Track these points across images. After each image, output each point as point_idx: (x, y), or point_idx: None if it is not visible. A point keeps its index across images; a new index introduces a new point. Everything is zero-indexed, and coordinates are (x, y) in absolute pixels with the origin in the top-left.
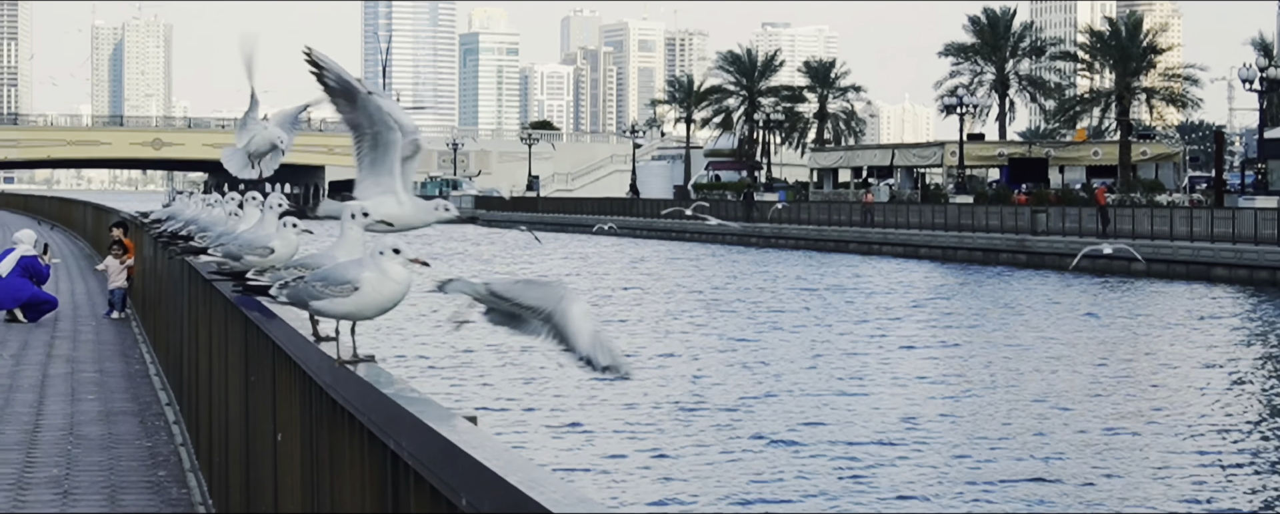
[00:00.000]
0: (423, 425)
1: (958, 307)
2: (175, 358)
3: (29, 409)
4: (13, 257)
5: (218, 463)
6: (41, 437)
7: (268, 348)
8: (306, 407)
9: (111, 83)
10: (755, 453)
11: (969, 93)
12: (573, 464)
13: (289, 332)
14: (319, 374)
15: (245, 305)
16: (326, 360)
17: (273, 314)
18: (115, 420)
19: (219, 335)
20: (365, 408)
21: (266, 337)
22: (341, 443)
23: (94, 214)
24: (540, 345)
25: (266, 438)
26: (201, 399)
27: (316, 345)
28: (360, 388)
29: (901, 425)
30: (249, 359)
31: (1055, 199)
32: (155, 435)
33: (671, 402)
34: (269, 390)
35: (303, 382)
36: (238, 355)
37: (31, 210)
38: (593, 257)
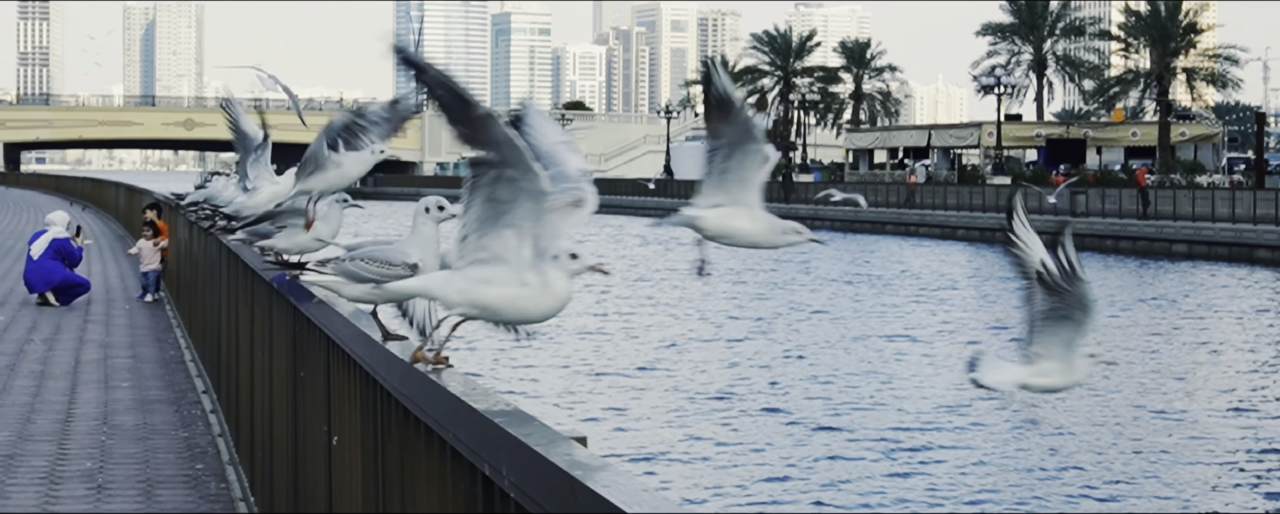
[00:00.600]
0: (530, 451)
1: (1001, 290)
2: (212, 344)
3: (61, 397)
4: (45, 239)
5: (260, 459)
6: (74, 427)
7: (320, 342)
8: (370, 412)
9: (143, 63)
10: (787, 439)
11: (1006, 73)
12: (609, 452)
13: (348, 326)
14: (387, 379)
15: (293, 293)
16: (397, 364)
17: (325, 304)
18: (150, 409)
19: (262, 324)
20: (450, 424)
21: (319, 330)
22: (417, 457)
23: (127, 195)
24: None
25: (318, 438)
26: (242, 390)
27: (383, 345)
28: (442, 399)
29: (940, 412)
30: (298, 353)
31: (1094, 180)
32: (191, 425)
33: (708, 388)
34: (322, 388)
35: (366, 384)
36: (284, 347)
37: (63, 191)
38: (627, 239)
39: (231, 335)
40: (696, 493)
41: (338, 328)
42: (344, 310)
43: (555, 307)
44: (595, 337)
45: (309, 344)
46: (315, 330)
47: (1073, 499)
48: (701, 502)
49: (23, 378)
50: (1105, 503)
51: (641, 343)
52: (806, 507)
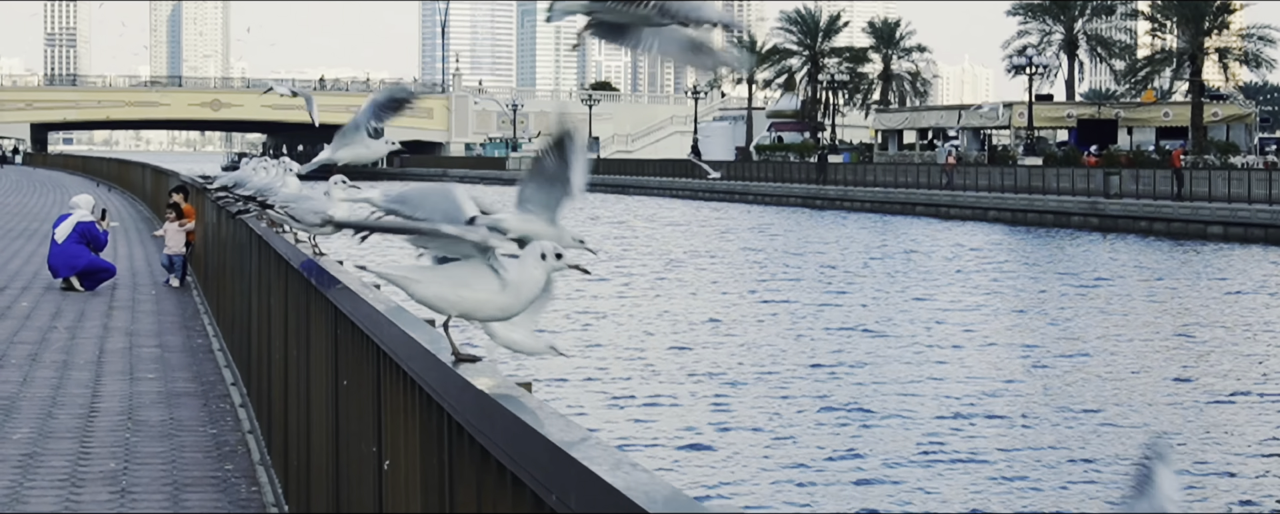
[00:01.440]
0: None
1: (1036, 272)
2: (241, 335)
3: (84, 389)
4: (69, 222)
5: (296, 466)
6: (97, 423)
7: (368, 351)
8: (434, 440)
9: (170, 44)
10: (816, 424)
11: (1037, 52)
12: (634, 438)
13: (403, 338)
14: (459, 409)
15: (324, 283)
16: (471, 393)
17: (367, 303)
18: (177, 403)
19: (297, 319)
20: (554, 485)
21: (367, 336)
22: (488, 494)
23: (153, 177)
24: None
25: (364, 457)
26: (274, 387)
27: (454, 367)
28: (537, 447)
29: (975, 397)
30: (339, 357)
31: (1127, 161)
32: (220, 421)
33: (735, 372)
34: (369, 404)
35: (428, 407)
36: (323, 349)
37: (90, 172)
38: (658, 218)
39: (262, 327)
40: (721, 485)
41: (392, 339)
42: (394, 316)
43: (517, 306)
44: (626, 322)
45: (353, 350)
46: (362, 336)
47: (1098, 485)
48: (728, 496)
49: (45, 368)
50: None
51: (667, 328)
52: (836, 501)
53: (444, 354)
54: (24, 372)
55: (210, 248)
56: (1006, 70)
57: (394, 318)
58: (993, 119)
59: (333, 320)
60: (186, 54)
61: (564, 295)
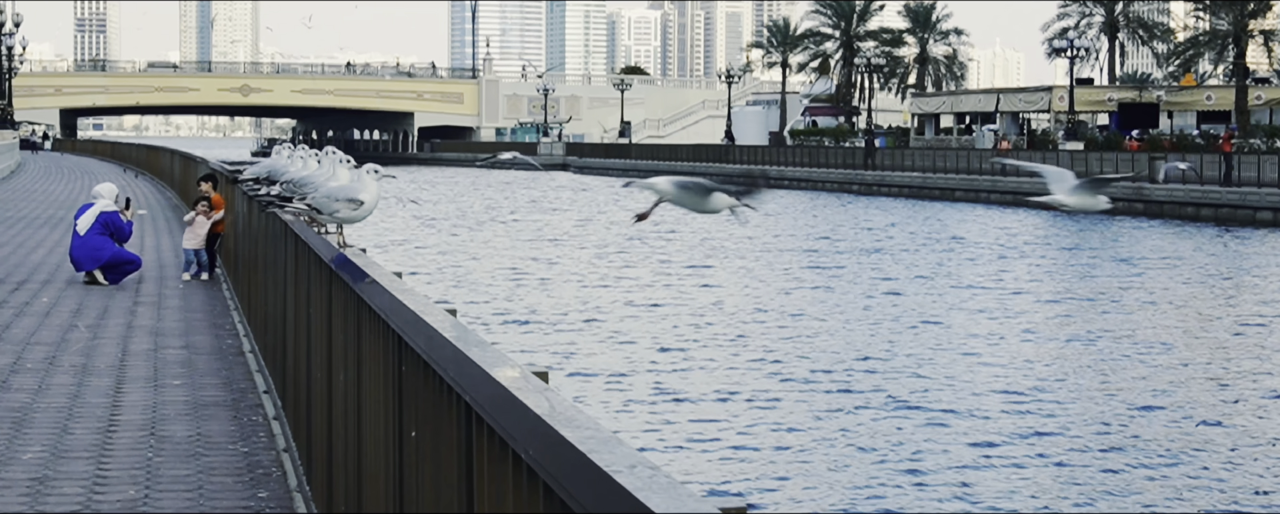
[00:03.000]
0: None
1: (1082, 259)
2: (275, 338)
3: (104, 399)
4: (91, 212)
5: (343, 499)
6: (117, 439)
7: (445, 398)
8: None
9: (199, 29)
10: (853, 416)
11: (1078, 35)
12: (660, 428)
13: (507, 399)
14: (560, 481)
15: (396, 324)
16: (587, 469)
17: (434, 331)
18: (205, 415)
19: (344, 341)
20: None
21: (446, 384)
22: None
23: (181, 163)
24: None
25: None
26: (316, 404)
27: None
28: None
29: (1017, 390)
30: (403, 402)
31: (1170, 145)
32: (252, 437)
33: (764, 363)
34: (453, 464)
35: (550, 499)
36: (381, 388)
37: (119, 157)
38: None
39: (299, 333)
40: (756, 480)
41: (488, 397)
42: (485, 361)
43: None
44: (665, 313)
45: (423, 396)
46: (437, 380)
47: (1140, 480)
48: (757, 492)
49: (63, 374)
50: (1187, 484)
51: (703, 319)
52: (873, 497)
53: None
54: (40, 378)
55: (240, 239)
56: (1046, 54)
57: (485, 364)
58: (1031, 103)
59: (394, 352)
60: (216, 39)
61: (601, 284)
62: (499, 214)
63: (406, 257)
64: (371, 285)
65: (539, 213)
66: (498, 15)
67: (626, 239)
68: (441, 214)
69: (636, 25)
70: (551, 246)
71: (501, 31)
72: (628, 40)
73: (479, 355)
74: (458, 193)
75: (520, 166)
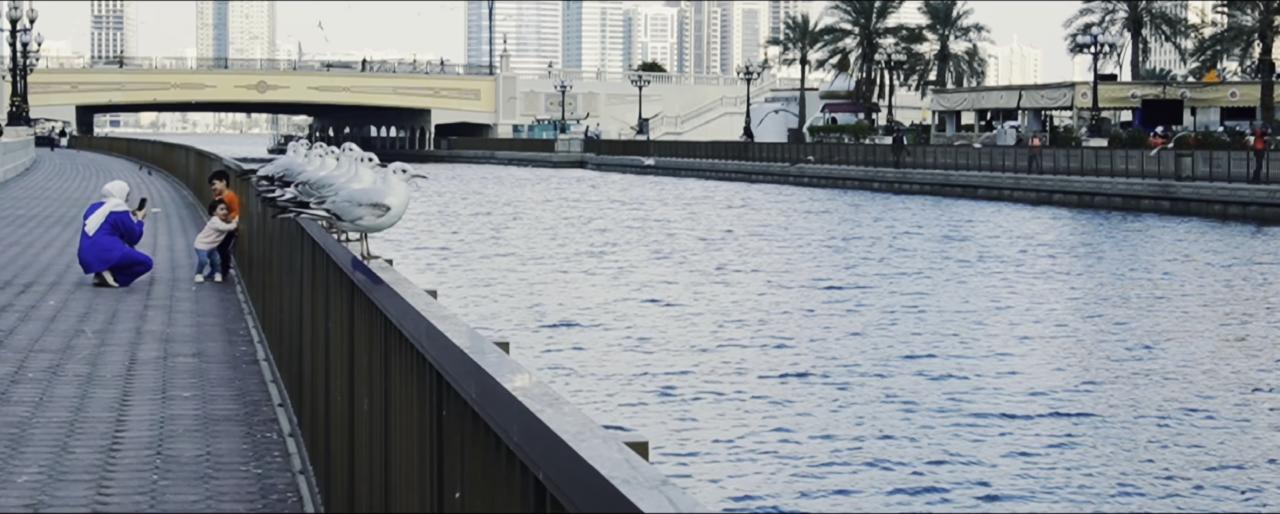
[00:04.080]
0: None
1: (1109, 258)
2: (290, 347)
3: (109, 413)
4: (101, 212)
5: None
6: (121, 459)
7: (493, 450)
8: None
9: (216, 25)
10: (872, 417)
11: (1101, 30)
12: (681, 432)
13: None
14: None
15: (418, 336)
16: None
17: (491, 380)
18: (216, 433)
19: (369, 362)
20: None
21: (490, 430)
22: None
23: (197, 160)
24: None
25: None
26: (336, 427)
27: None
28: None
29: (1041, 391)
30: (444, 450)
31: (1195, 142)
32: (266, 456)
33: (778, 365)
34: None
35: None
36: (412, 419)
37: (134, 155)
38: (715, 199)
39: (315, 350)
40: (774, 483)
41: (568, 478)
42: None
43: None
44: (669, 309)
45: (472, 455)
46: (492, 440)
47: (1165, 483)
48: (777, 495)
49: (66, 384)
50: (1211, 486)
51: (722, 318)
52: (888, 498)
53: None
54: (42, 389)
55: (254, 239)
56: (1069, 50)
57: (566, 434)
58: (1054, 100)
59: (432, 388)
60: (233, 36)
61: (620, 280)
62: (522, 210)
63: (423, 257)
64: (403, 307)
65: (559, 210)
66: (514, 13)
67: (644, 234)
68: (461, 209)
69: (653, 22)
70: (571, 246)
71: (518, 29)
72: (644, 37)
73: (555, 421)
74: (472, 189)
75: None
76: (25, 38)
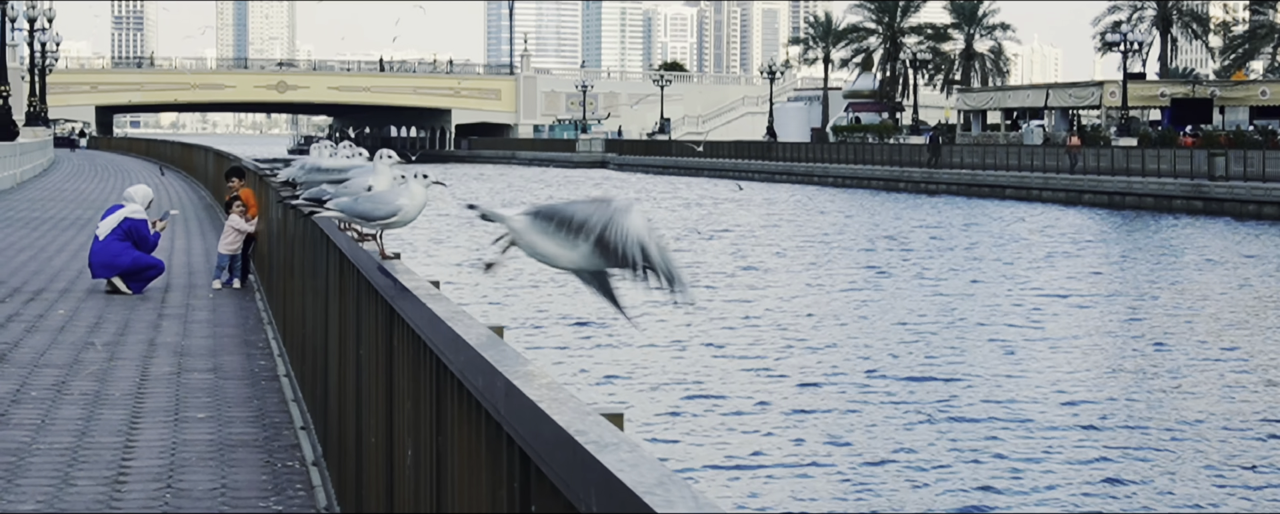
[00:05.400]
0: None
1: (1143, 259)
2: (314, 363)
3: (116, 438)
4: (115, 217)
5: None
6: (127, 494)
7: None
8: None
9: (235, 26)
10: (897, 421)
11: (1130, 28)
12: (700, 441)
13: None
14: None
15: (486, 394)
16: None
17: (604, 473)
18: (232, 461)
19: (415, 403)
20: None
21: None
22: None
23: (215, 160)
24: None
25: None
26: (368, 463)
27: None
28: None
29: (1072, 398)
30: (502, 480)
31: (1227, 141)
32: (287, 489)
33: (799, 365)
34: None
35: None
36: (480, 481)
37: (154, 155)
38: (741, 200)
39: (344, 374)
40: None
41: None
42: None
43: None
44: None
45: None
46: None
47: (1194, 489)
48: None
49: (71, 404)
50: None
51: (747, 321)
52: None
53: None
54: (44, 410)
55: (273, 243)
56: (1097, 48)
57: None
58: (1082, 99)
59: (502, 456)
60: (252, 36)
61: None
62: None
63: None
64: (468, 356)
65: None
66: (534, 12)
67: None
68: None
69: (673, 22)
70: None
71: (538, 29)
72: (664, 37)
73: None
74: (496, 188)
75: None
76: (43, 37)
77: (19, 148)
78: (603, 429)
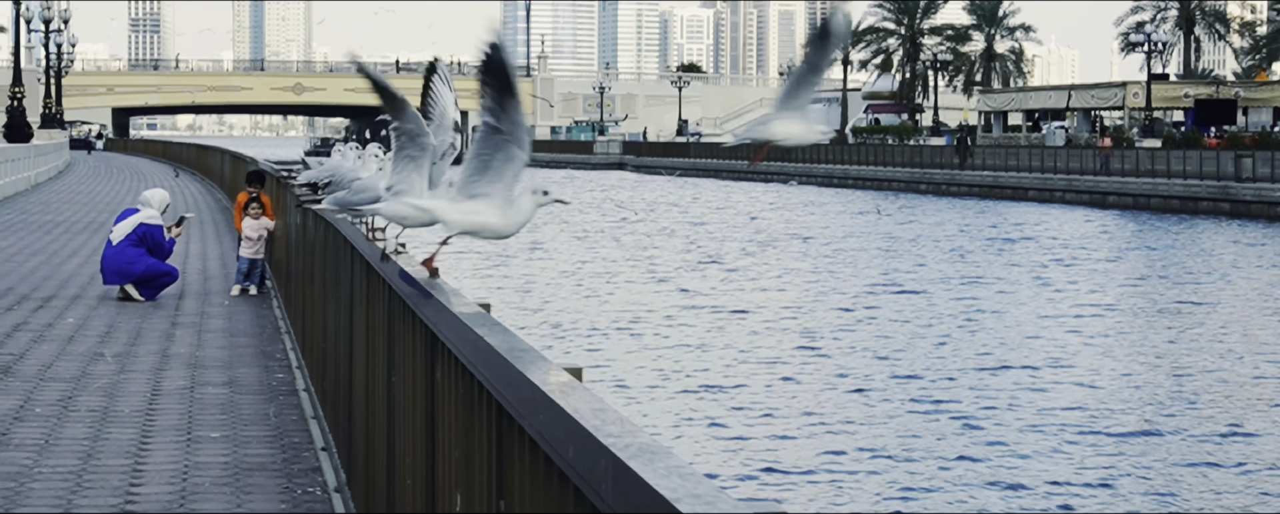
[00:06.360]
0: None
1: (1171, 262)
2: (336, 377)
3: (124, 460)
4: (130, 221)
5: None
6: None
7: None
8: None
9: (252, 28)
10: (919, 424)
11: (1154, 29)
12: (722, 439)
13: None
14: None
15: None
16: None
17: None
18: (248, 488)
19: (467, 450)
20: None
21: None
22: None
23: (232, 163)
24: None
25: None
26: (400, 488)
27: None
28: None
29: (1096, 404)
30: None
31: (1252, 142)
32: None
33: (818, 369)
34: None
35: None
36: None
37: (170, 157)
38: (764, 203)
39: (369, 378)
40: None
41: None
42: None
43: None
44: (707, 313)
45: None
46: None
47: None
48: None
49: (76, 422)
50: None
51: (756, 317)
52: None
53: None
54: (48, 429)
55: (292, 249)
56: (1120, 49)
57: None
58: (1104, 100)
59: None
60: (269, 38)
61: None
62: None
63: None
64: (536, 404)
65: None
66: (550, 14)
67: (689, 241)
68: None
69: (689, 24)
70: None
71: (554, 31)
72: (680, 39)
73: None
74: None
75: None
76: (59, 39)
77: (34, 150)
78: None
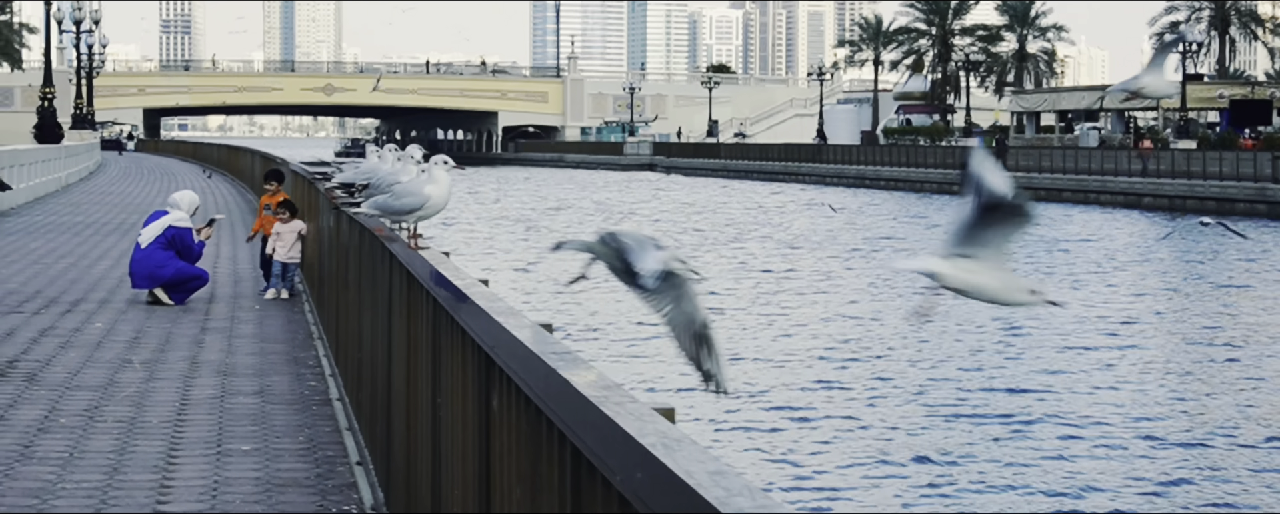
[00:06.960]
0: None
1: (1208, 264)
2: (373, 388)
3: (150, 476)
4: (159, 224)
5: None
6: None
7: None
8: None
9: (283, 29)
10: (948, 429)
11: (1189, 29)
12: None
13: None
14: None
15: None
16: None
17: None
18: (281, 504)
19: (531, 490)
20: None
21: None
22: None
23: (262, 163)
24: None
25: None
26: (447, 499)
27: None
28: None
29: (1132, 408)
30: None
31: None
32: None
33: (855, 374)
34: None
35: None
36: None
37: (200, 158)
38: (788, 206)
39: (408, 389)
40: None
41: None
42: None
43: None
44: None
45: None
46: None
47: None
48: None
49: (101, 434)
50: None
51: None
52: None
53: None
54: (72, 441)
55: (325, 251)
56: (1154, 49)
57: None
58: (1140, 101)
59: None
60: (300, 39)
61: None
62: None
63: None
64: (631, 458)
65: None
66: (579, 15)
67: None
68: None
69: (718, 24)
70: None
71: (583, 31)
72: (709, 39)
73: None
74: (542, 192)
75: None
76: (90, 40)
77: (65, 150)
78: None
